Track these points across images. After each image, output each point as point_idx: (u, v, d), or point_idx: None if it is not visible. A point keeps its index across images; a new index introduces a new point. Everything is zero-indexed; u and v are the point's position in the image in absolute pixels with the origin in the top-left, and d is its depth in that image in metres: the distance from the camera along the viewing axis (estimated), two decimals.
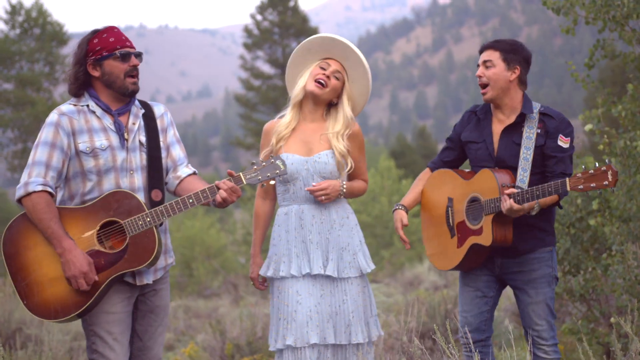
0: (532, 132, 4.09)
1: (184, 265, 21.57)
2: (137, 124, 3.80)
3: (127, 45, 3.75)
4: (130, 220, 3.63)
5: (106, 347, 3.64)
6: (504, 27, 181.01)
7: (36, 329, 7.83)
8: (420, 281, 13.65)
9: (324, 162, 4.09)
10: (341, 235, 4.09)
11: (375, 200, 22.67)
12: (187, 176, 3.90)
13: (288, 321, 3.97)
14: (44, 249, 3.60)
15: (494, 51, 4.17)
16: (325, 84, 4.11)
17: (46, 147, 3.65)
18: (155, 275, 3.82)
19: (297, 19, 32.98)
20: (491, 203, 4.02)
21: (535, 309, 4.13)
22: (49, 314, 3.58)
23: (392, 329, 6.88)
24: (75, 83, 3.77)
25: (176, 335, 10.49)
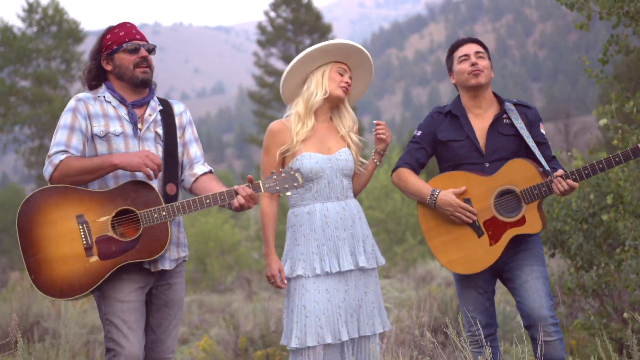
0: (521, 123, 4.21)
1: (198, 260, 21.66)
2: (154, 117, 3.88)
3: (136, 38, 3.86)
4: (147, 212, 3.68)
5: (120, 335, 3.69)
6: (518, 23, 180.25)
7: (54, 323, 7.92)
8: (433, 277, 13.66)
9: (345, 160, 4.21)
10: (362, 228, 4.20)
11: (388, 197, 22.67)
12: (203, 174, 3.96)
13: (321, 319, 3.99)
14: (57, 228, 3.65)
15: (480, 46, 4.34)
16: (348, 90, 4.29)
17: (65, 130, 3.74)
18: (172, 264, 3.87)
19: (311, 16, 32.98)
20: (534, 190, 4.04)
21: (534, 286, 4.09)
22: (54, 291, 3.62)
23: (404, 324, 6.92)
24: (88, 76, 3.91)
25: (190, 330, 10.58)
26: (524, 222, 4.08)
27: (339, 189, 4.17)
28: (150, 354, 3.89)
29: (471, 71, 4.24)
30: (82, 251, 3.64)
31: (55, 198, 3.68)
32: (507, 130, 4.23)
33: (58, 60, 33.50)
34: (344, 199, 4.19)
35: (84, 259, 3.64)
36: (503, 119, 4.26)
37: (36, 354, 5.63)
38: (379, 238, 21.89)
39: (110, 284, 3.71)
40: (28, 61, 32.94)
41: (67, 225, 3.65)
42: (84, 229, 3.65)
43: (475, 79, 4.23)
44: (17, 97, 32.44)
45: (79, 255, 3.64)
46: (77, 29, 33.65)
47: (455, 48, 4.38)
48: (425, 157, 4.34)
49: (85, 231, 3.65)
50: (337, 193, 4.17)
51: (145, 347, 3.89)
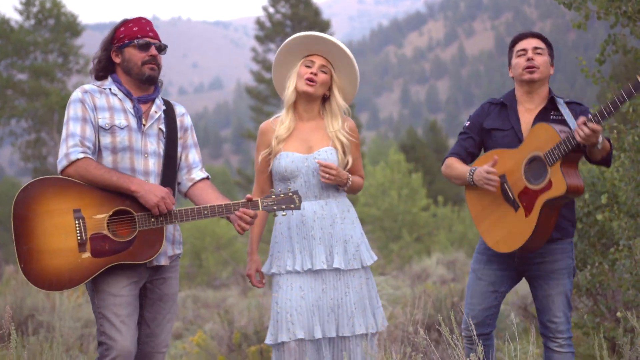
0: (572, 120, 4.08)
1: (194, 255, 21.67)
2: (158, 114, 3.90)
3: (148, 36, 3.86)
4: (143, 215, 3.70)
5: (113, 329, 3.69)
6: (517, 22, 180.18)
7: (48, 316, 7.92)
8: (428, 274, 13.68)
9: (324, 159, 4.15)
10: (344, 229, 4.15)
11: (385, 194, 22.69)
12: (200, 180, 3.98)
13: (292, 315, 4.03)
14: (53, 220, 3.64)
15: (542, 42, 4.27)
16: (315, 81, 4.16)
17: (77, 121, 3.74)
18: (165, 260, 3.88)
19: (309, 12, 32.97)
20: (554, 150, 3.93)
21: (555, 301, 4.13)
22: (43, 283, 3.62)
23: (398, 321, 6.93)
24: (97, 66, 3.92)
25: (185, 324, 10.59)
26: (551, 186, 3.95)
27: (317, 188, 4.16)
28: (144, 347, 3.91)
29: (526, 67, 4.20)
30: (75, 246, 3.63)
31: (55, 189, 3.67)
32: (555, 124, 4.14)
33: (55, 53, 33.45)
34: (323, 198, 4.18)
35: (77, 254, 3.63)
36: (550, 114, 4.19)
37: (30, 347, 5.63)
38: (375, 235, 21.92)
39: (103, 278, 3.72)
40: (25, 54, 32.88)
41: (63, 218, 3.65)
42: (80, 224, 3.64)
43: (529, 75, 4.19)
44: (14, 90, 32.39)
45: (72, 249, 3.63)
46: (75, 22, 33.59)
47: (516, 42, 4.34)
48: (473, 146, 4.33)
49: (80, 226, 3.64)
50: (315, 192, 4.16)
51: (139, 341, 3.90)
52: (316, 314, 4.04)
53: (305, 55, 4.22)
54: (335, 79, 4.23)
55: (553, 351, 4.15)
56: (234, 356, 6.90)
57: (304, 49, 4.21)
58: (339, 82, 4.25)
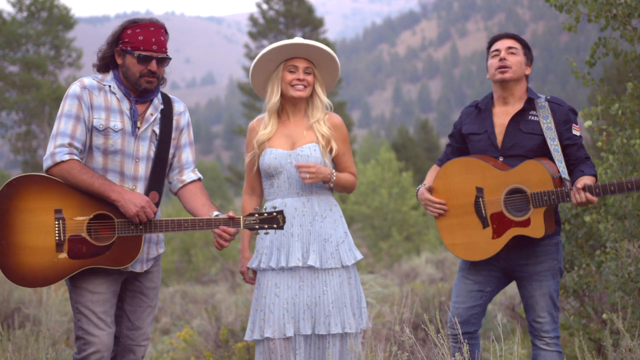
0: (550, 122, 4.13)
1: (183, 251, 21.61)
2: (155, 117, 3.85)
3: (151, 49, 3.75)
4: (123, 222, 3.69)
5: (91, 325, 3.70)
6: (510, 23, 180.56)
7: (34, 309, 7.90)
8: (417, 273, 13.70)
9: (306, 155, 4.15)
10: (324, 227, 4.14)
11: (375, 192, 22.71)
12: (191, 182, 3.96)
13: (265, 313, 4.05)
14: (34, 218, 3.63)
15: (516, 42, 4.28)
16: (304, 86, 4.19)
17: (70, 119, 3.70)
18: (147, 265, 3.89)
19: (303, 9, 32.95)
20: (543, 196, 3.97)
21: (539, 302, 4.15)
22: (17, 278, 3.64)
23: (385, 319, 6.94)
24: (100, 62, 3.86)
25: (172, 320, 10.57)
26: (528, 225, 4.04)
27: (299, 184, 4.16)
28: (125, 340, 3.91)
29: (498, 67, 4.22)
30: (53, 246, 3.63)
31: (39, 187, 3.66)
32: (530, 127, 4.17)
33: (47, 46, 33.35)
34: (306, 195, 4.17)
35: (53, 253, 3.64)
36: (528, 116, 4.20)
37: (16, 340, 5.61)
38: (365, 233, 21.95)
39: (81, 274, 3.72)
40: (17, 46, 32.76)
41: (44, 217, 3.64)
42: (60, 225, 3.64)
43: (501, 74, 4.21)
44: (5, 83, 32.27)
45: (49, 249, 3.64)
46: (68, 15, 33.47)
47: (491, 43, 4.37)
48: (455, 153, 4.41)
49: (60, 227, 3.64)
50: (297, 189, 4.17)
51: (121, 335, 3.91)
52: (290, 311, 4.05)
53: (284, 59, 4.21)
54: (317, 77, 4.24)
55: (540, 349, 4.18)
56: (220, 352, 6.90)
57: (282, 55, 4.20)
58: (320, 79, 4.26)
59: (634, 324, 4.93)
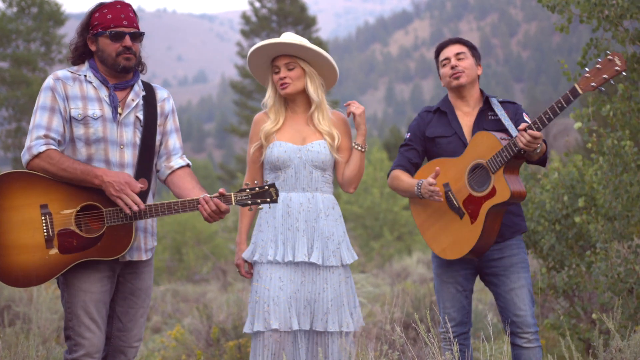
0: (505, 116, 4.23)
1: (175, 250, 21.59)
2: (136, 102, 3.78)
3: (122, 25, 3.70)
4: (112, 210, 3.61)
5: (83, 326, 3.64)
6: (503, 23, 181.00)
7: (25, 307, 7.88)
8: (408, 273, 13.71)
9: (316, 151, 4.17)
10: (327, 225, 4.15)
11: (367, 192, 22.71)
12: (180, 168, 3.88)
13: (269, 305, 4.04)
14: (19, 215, 3.55)
15: (462, 46, 4.37)
16: (286, 82, 4.19)
17: (45, 111, 3.64)
18: (146, 254, 3.83)
19: (296, 8, 32.94)
20: (496, 158, 4.04)
21: (519, 294, 4.19)
22: (9, 279, 3.56)
23: (376, 319, 6.95)
24: (74, 53, 3.81)
25: (163, 318, 10.56)
26: (495, 193, 4.07)
27: (306, 180, 4.16)
28: (116, 342, 3.85)
29: (452, 74, 4.31)
30: (42, 242, 3.56)
31: (22, 184, 3.58)
32: (493, 125, 4.28)
33: (38, 42, 33.19)
34: (311, 191, 4.18)
35: (44, 250, 3.56)
36: (488, 115, 4.32)
37: (6, 338, 5.59)
38: (357, 233, 21.95)
39: (74, 272, 3.64)
40: (7, 42, 32.59)
41: (30, 213, 3.56)
42: (47, 220, 3.57)
43: (456, 81, 4.30)
44: None
45: (39, 245, 3.56)
46: (59, 11, 33.33)
47: (438, 52, 4.44)
48: (417, 157, 4.40)
49: (47, 222, 3.56)
50: (303, 184, 4.17)
51: (112, 335, 3.85)
52: (293, 305, 4.05)
53: (271, 58, 4.25)
54: (307, 69, 4.21)
55: (521, 347, 4.20)
56: (211, 351, 6.89)
57: (267, 56, 4.24)
58: (312, 71, 4.22)
59: (624, 324, 4.95)
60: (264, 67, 4.29)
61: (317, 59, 4.21)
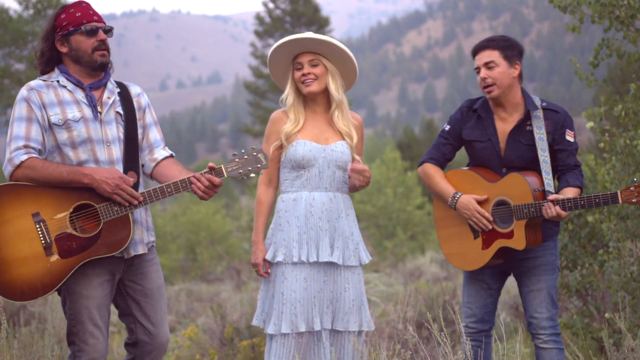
0: (542, 132, 4.14)
1: (189, 249, 21.66)
2: (112, 99, 3.75)
3: (94, 20, 3.67)
4: (105, 205, 3.55)
5: (86, 333, 3.60)
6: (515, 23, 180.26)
7: (40, 307, 7.94)
8: (422, 273, 13.71)
9: (340, 152, 4.17)
10: (347, 224, 4.16)
11: (380, 192, 22.70)
12: (164, 159, 3.85)
13: (296, 307, 4.02)
14: (13, 228, 3.49)
15: (492, 51, 4.22)
16: (311, 78, 4.16)
17: (22, 122, 3.58)
18: (145, 248, 3.77)
19: (309, 8, 32.96)
20: (524, 208, 4.05)
21: (536, 296, 4.19)
22: (15, 294, 3.49)
23: (390, 318, 6.97)
24: (40, 59, 3.73)
25: (177, 318, 10.61)
26: (511, 236, 4.11)
27: (329, 180, 4.16)
28: (145, 346, 3.79)
29: (483, 87, 4.23)
30: (41, 251, 3.50)
31: (8, 196, 3.51)
32: (527, 139, 4.20)
33: None
34: (333, 191, 4.17)
35: (44, 258, 3.50)
36: (526, 126, 4.22)
37: (21, 338, 5.64)
38: (370, 232, 21.94)
39: (73, 278, 3.60)
40: (23, 44, 32.77)
41: (23, 224, 3.50)
42: (41, 228, 3.51)
43: (488, 94, 4.22)
44: (12, 80, 32.29)
45: (39, 255, 3.50)
46: None
47: (473, 56, 4.35)
48: (452, 153, 4.38)
49: (42, 230, 3.51)
50: (326, 184, 4.15)
51: (139, 341, 3.80)
52: (317, 305, 4.06)
53: (292, 56, 4.21)
54: (329, 67, 4.19)
55: (538, 347, 4.21)
56: (225, 350, 6.93)
57: (289, 53, 4.21)
58: (333, 69, 4.20)
59: (636, 324, 4.95)
60: (285, 63, 4.25)
61: (342, 57, 4.18)
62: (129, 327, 3.82)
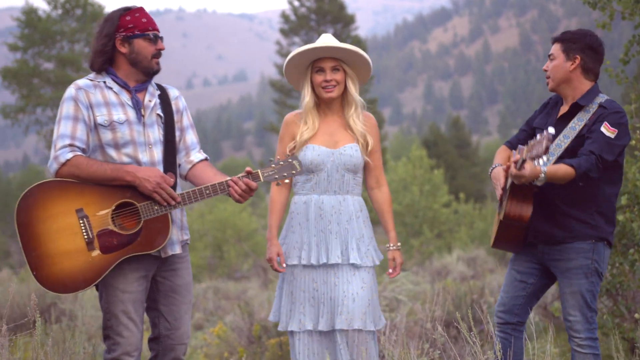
0: (578, 124, 4.12)
1: (215, 247, 21.78)
2: (154, 102, 3.86)
3: (156, 29, 3.84)
4: (146, 204, 3.67)
5: (120, 326, 3.71)
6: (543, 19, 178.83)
7: (70, 304, 8.03)
8: (449, 271, 13.66)
9: (349, 155, 4.22)
10: (359, 226, 4.22)
11: (406, 190, 22.66)
12: (199, 162, 3.95)
13: (305, 307, 4.14)
14: (57, 223, 3.62)
15: (557, 43, 4.27)
16: (334, 85, 4.21)
17: (69, 121, 3.70)
18: (180, 247, 3.88)
19: (334, 6, 32.94)
20: (508, 176, 4.10)
21: (569, 299, 4.15)
22: (58, 287, 3.62)
23: (417, 317, 6.96)
24: (101, 57, 3.81)
25: (205, 315, 10.68)
26: (502, 207, 4.22)
27: (338, 183, 4.22)
28: (166, 340, 3.90)
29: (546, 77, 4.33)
30: (84, 246, 3.62)
31: (55, 192, 3.64)
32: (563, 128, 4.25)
33: (82, 43, 33.71)
34: (342, 194, 4.23)
35: (86, 253, 3.62)
36: (572, 117, 4.23)
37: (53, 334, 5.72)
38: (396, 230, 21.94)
39: (111, 273, 3.70)
40: (52, 43, 33.17)
41: (67, 219, 3.62)
42: (85, 223, 3.62)
43: (547, 85, 4.31)
44: (40, 79, 32.69)
45: (81, 249, 3.62)
46: (102, 13, 33.76)
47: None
48: (525, 138, 4.40)
49: (85, 225, 3.62)
50: (335, 187, 4.22)
51: (161, 335, 3.90)
52: (327, 305, 4.12)
53: (312, 60, 4.25)
54: (348, 72, 4.24)
55: (574, 350, 4.17)
56: (253, 348, 6.96)
57: (309, 57, 4.24)
58: (351, 73, 4.25)
59: None
60: (304, 65, 4.30)
61: (361, 62, 4.25)
62: (153, 322, 3.93)
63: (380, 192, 4.37)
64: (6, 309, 4.69)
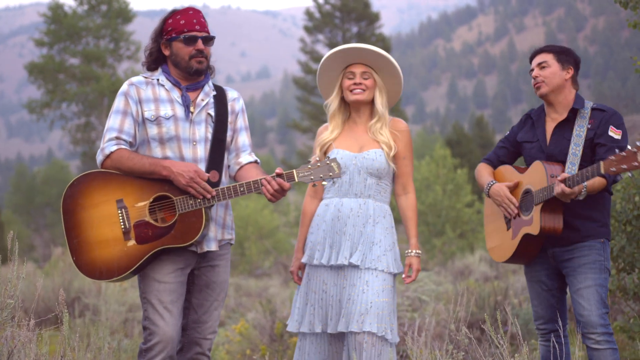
0: (583, 129, 4.23)
1: (237, 244, 21.82)
2: (206, 101, 3.98)
3: (195, 29, 3.91)
4: (182, 198, 3.78)
5: (157, 315, 3.79)
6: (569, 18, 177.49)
7: (94, 299, 8.08)
8: (471, 271, 13.61)
9: (371, 159, 4.24)
10: (374, 231, 4.20)
11: (430, 189, 22.57)
12: (248, 164, 4.05)
13: (315, 308, 4.17)
14: (99, 212, 3.79)
15: (547, 54, 4.41)
16: (362, 89, 4.27)
17: (118, 115, 3.89)
18: (217, 245, 3.96)
19: (359, 4, 32.91)
20: (540, 193, 4.14)
21: (584, 294, 4.14)
22: (94, 273, 3.77)
23: (440, 317, 6.92)
24: (149, 58, 4.04)
25: (227, 312, 10.70)
26: (531, 223, 4.21)
27: (359, 187, 4.24)
28: (191, 333, 3.98)
29: (533, 84, 4.40)
30: (120, 235, 3.78)
31: (98, 182, 3.82)
32: (570, 134, 4.30)
33: (107, 39, 33.98)
34: (363, 198, 4.24)
35: (122, 242, 3.77)
36: (571, 123, 4.32)
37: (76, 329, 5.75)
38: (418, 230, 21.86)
39: (150, 264, 3.82)
40: (78, 39, 33.46)
41: (107, 209, 3.80)
42: (123, 214, 3.78)
43: (537, 91, 4.38)
44: (66, 75, 32.98)
45: (118, 238, 3.78)
46: (127, 9, 34.05)
47: (530, 61, 4.53)
48: (506, 156, 4.57)
49: (124, 216, 3.78)
50: (356, 190, 4.24)
51: (187, 327, 3.98)
52: (335, 307, 4.14)
53: (344, 66, 4.32)
54: (378, 81, 4.31)
55: (591, 349, 4.15)
56: (275, 346, 6.96)
57: (341, 63, 4.31)
58: (381, 84, 4.32)
59: None
60: (336, 71, 4.36)
61: (392, 74, 4.31)
62: (183, 313, 3.99)
63: (406, 198, 4.36)
64: (33, 304, 4.73)
